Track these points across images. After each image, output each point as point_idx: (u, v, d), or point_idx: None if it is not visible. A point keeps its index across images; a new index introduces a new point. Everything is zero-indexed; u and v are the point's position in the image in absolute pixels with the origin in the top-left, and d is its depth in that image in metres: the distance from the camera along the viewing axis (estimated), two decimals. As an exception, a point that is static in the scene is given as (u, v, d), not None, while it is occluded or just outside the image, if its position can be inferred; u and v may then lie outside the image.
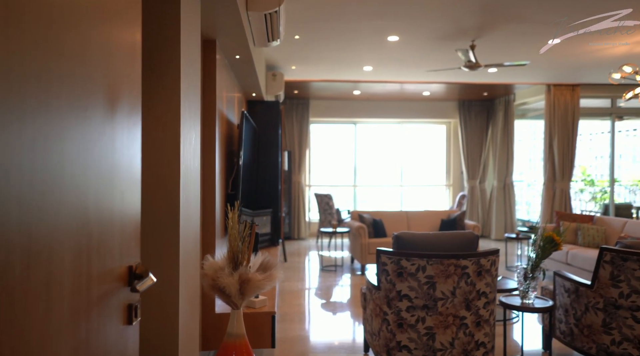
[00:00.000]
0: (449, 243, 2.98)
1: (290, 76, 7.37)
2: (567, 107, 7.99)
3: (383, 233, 6.66)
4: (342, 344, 4.01)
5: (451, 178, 10.49)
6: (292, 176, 9.58)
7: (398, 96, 9.42)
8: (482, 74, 7.13)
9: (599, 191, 11.35)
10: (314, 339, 4.14)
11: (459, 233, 3.03)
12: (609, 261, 2.98)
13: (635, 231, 5.45)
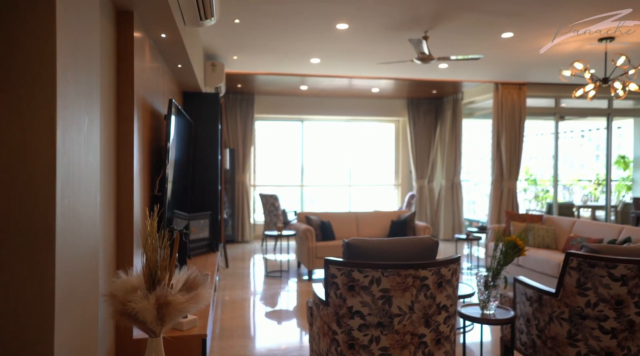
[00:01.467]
0: (405, 250, 2.63)
1: (233, 68, 6.86)
2: (515, 106, 7.97)
3: (331, 235, 6.30)
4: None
5: (400, 177, 10.33)
6: (236, 175, 9.05)
7: (346, 92, 9.11)
8: (432, 70, 6.93)
9: (541, 190, 11.60)
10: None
11: (416, 239, 2.69)
12: (576, 267, 2.74)
13: (583, 230, 5.39)
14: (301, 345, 3.94)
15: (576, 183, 11.89)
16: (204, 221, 5.27)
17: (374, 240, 2.66)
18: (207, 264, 4.75)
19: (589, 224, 5.50)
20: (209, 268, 4.53)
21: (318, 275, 6.28)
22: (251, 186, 9.53)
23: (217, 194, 5.60)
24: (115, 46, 2.56)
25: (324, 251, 5.97)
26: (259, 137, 9.95)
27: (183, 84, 5.07)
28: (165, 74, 4.07)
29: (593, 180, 11.73)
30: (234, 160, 9.01)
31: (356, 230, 6.63)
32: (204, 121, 5.54)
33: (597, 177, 11.75)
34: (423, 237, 2.73)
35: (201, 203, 5.49)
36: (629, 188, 10.31)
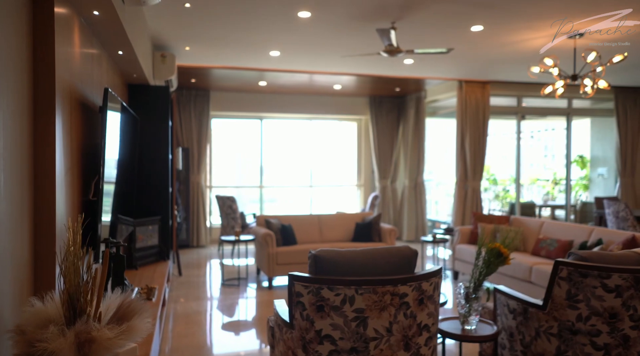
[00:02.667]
0: (381, 262, 2.29)
1: (185, 60, 6.36)
2: (478, 105, 7.85)
3: (293, 240, 5.92)
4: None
5: (362, 177, 10.07)
6: (191, 176, 8.52)
7: (307, 89, 8.75)
8: (397, 66, 6.67)
9: (502, 190, 11.64)
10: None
11: (393, 250, 2.35)
12: (566, 277, 2.48)
13: (552, 232, 5.25)
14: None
15: (534, 182, 12.02)
16: (153, 226, 4.78)
17: (346, 252, 2.31)
18: (156, 275, 4.27)
19: (558, 225, 5.37)
20: (157, 280, 4.05)
21: (279, 282, 5.89)
22: (207, 187, 9.02)
23: (168, 197, 5.11)
24: (30, 25, 2.09)
25: (285, 257, 5.59)
26: (216, 135, 9.45)
27: (127, 76, 4.57)
28: (104, 62, 3.58)
29: (550, 179, 11.88)
30: (188, 160, 8.47)
31: (319, 234, 6.28)
32: (152, 117, 5.04)
33: (554, 176, 11.91)
34: (400, 247, 2.40)
35: (150, 206, 4.98)
36: (586, 187, 10.47)
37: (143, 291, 3.45)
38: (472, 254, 5.58)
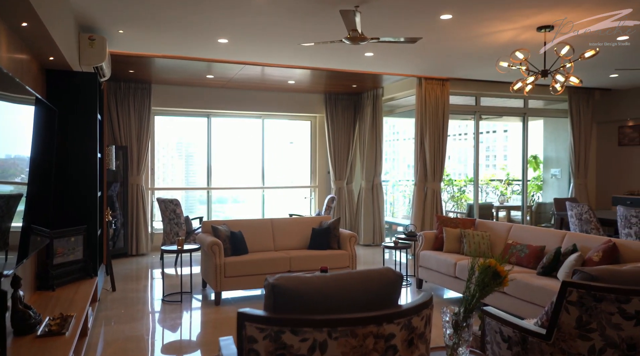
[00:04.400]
0: (359, 292, 1.78)
1: (121, 46, 5.61)
2: (438, 103, 7.54)
3: (243, 248, 5.32)
4: None
5: (317, 178, 9.57)
6: (129, 177, 7.70)
7: (259, 83, 8.15)
8: (357, 59, 6.21)
9: (458, 190, 11.50)
10: None
11: (373, 274, 1.85)
12: (576, 302, 2.07)
13: (522, 236, 4.95)
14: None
15: (488, 182, 11.97)
16: (76, 238, 4.05)
17: (313, 279, 1.78)
18: (77, 296, 3.56)
19: (527, 229, 5.09)
20: (78, 303, 3.35)
21: (229, 295, 5.27)
22: (148, 189, 8.22)
23: (97, 202, 4.38)
24: None
25: (234, 268, 4.98)
26: (158, 133, 8.66)
27: (42, 59, 3.82)
28: (2, 37, 2.86)
29: (504, 180, 11.88)
30: (126, 159, 7.66)
31: (272, 241, 5.71)
32: (77, 110, 4.30)
33: (507, 176, 11.92)
34: (381, 269, 1.90)
35: (73, 214, 4.24)
36: (540, 188, 10.48)
37: (54, 322, 2.77)
38: (438, 260, 5.20)
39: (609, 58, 6.03)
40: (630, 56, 6.02)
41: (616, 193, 8.83)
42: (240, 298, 5.26)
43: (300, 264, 5.26)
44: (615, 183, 8.98)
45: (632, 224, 5.41)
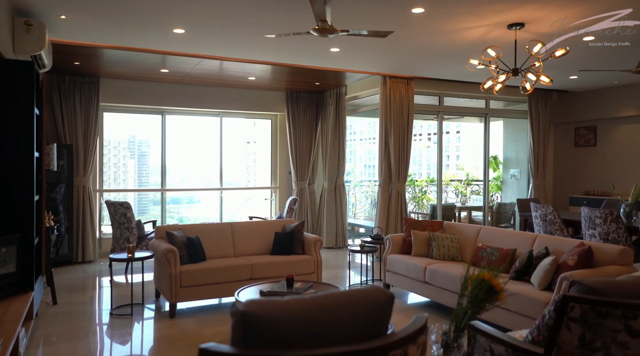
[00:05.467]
0: (346, 318, 1.50)
1: (64, 35, 5.10)
2: (403, 103, 7.39)
3: (201, 255, 4.93)
4: None
5: (278, 179, 9.24)
6: (75, 178, 7.11)
7: (217, 79, 7.73)
8: (321, 55, 5.95)
9: (419, 191, 11.46)
10: None
11: (360, 295, 1.57)
12: (579, 318, 1.87)
13: (491, 239, 4.83)
14: None
15: (448, 183, 12.01)
16: (8, 249, 3.56)
17: (291, 303, 1.47)
18: (7, 317, 3.10)
19: (496, 232, 4.97)
20: (6, 327, 2.90)
21: (185, 306, 4.88)
22: (96, 191, 7.64)
23: (32, 207, 3.89)
24: None
25: (191, 277, 4.60)
26: (108, 131, 8.08)
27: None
28: None
29: (463, 180, 11.95)
30: (71, 159, 7.06)
31: (232, 246, 5.35)
32: (8, 103, 3.80)
33: (467, 177, 12.00)
34: (368, 289, 1.62)
35: (4, 221, 3.74)
36: (499, 188, 10.58)
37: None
38: (407, 265, 5.01)
39: (573, 59, 6.04)
40: (593, 58, 6.05)
41: (573, 193, 9.00)
42: (197, 308, 4.88)
43: (263, 271, 4.93)
44: (572, 183, 9.15)
45: (597, 225, 5.42)
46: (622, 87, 8.10)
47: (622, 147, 8.36)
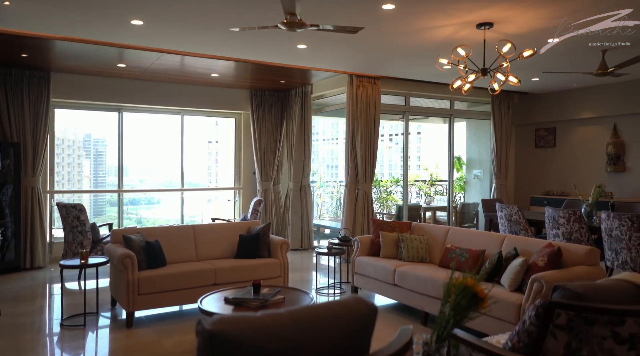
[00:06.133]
0: (326, 336, 1.35)
1: (8, 23, 4.72)
2: (370, 102, 7.31)
3: (161, 260, 4.66)
4: None
5: (242, 180, 9.00)
6: (23, 178, 6.66)
7: (178, 76, 7.43)
8: (287, 51, 5.78)
9: (384, 191, 11.46)
10: None
11: (339, 308, 1.42)
12: (565, 325, 1.79)
13: (460, 240, 4.79)
14: None
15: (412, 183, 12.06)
16: (-58, 257, 3.21)
17: (265, 321, 1.31)
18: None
19: (465, 233, 4.94)
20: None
21: (143, 314, 4.60)
22: (47, 192, 7.19)
23: (-27, 211, 3.54)
24: None
25: (150, 284, 4.33)
26: (60, 128, 7.63)
27: None
28: None
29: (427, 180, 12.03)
30: (19, 158, 6.61)
31: (194, 250, 5.10)
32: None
33: (431, 177, 12.09)
34: (349, 301, 1.48)
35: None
36: (462, 188, 10.69)
37: None
38: (376, 267, 4.91)
39: (536, 61, 6.11)
40: (555, 60, 6.14)
41: (533, 193, 9.19)
42: (157, 316, 4.61)
43: (227, 276, 4.72)
44: (533, 183, 9.34)
45: (560, 225, 5.49)
46: (581, 89, 8.31)
47: (580, 148, 8.59)
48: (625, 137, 7.94)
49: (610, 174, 8.06)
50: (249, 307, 3.39)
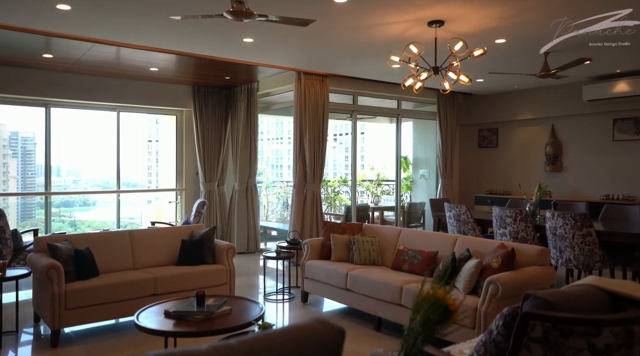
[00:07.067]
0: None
1: None
2: (318, 100, 7.13)
3: (93, 270, 4.24)
4: None
5: (184, 180, 8.55)
6: None
7: (114, 69, 6.90)
8: (233, 46, 5.48)
9: (332, 191, 11.34)
10: None
11: (304, 334, 1.20)
12: (541, 338, 1.66)
13: (412, 242, 4.70)
14: None
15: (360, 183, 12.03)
16: None
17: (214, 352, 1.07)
18: None
19: (417, 234, 4.86)
20: None
21: (72, 329, 4.15)
22: (-39, 195, 6.46)
23: None
24: None
25: (79, 297, 3.91)
26: (-24, 124, 6.90)
27: None
28: None
29: (374, 180, 12.04)
30: None
31: (131, 258, 4.69)
32: None
33: (378, 177, 12.11)
34: (312, 325, 1.26)
35: None
36: (409, 188, 10.77)
37: None
38: (327, 271, 4.73)
39: (482, 62, 6.17)
40: (499, 61, 6.23)
41: (477, 192, 9.38)
42: (88, 332, 4.18)
43: (168, 285, 4.36)
44: (477, 182, 9.53)
45: (507, 224, 5.55)
46: (521, 91, 8.56)
47: (521, 148, 8.85)
48: (562, 137, 8.25)
49: (549, 173, 8.35)
50: (192, 321, 3.09)
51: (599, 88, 7.21)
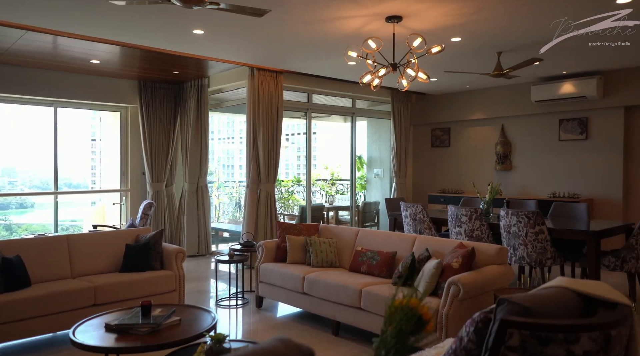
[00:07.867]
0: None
1: None
2: (272, 98, 6.91)
3: (23, 279, 3.83)
4: None
5: (129, 181, 8.08)
6: None
7: (50, 60, 6.39)
8: (182, 37, 5.17)
9: (286, 191, 11.13)
10: None
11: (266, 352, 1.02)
12: (519, 346, 1.55)
13: (370, 242, 4.59)
14: None
15: (314, 183, 11.90)
16: None
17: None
18: None
19: (375, 234, 4.75)
20: None
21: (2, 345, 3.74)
22: None
23: None
24: None
25: (6, 310, 3.51)
26: None
27: None
28: None
29: (328, 180, 11.95)
30: None
31: (69, 265, 4.31)
32: None
33: (332, 176, 12.02)
34: (276, 347, 1.07)
35: None
36: (364, 187, 10.73)
37: None
38: (282, 275, 4.53)
39: (436, 61, 6.16)
40: (452, 60, 6.25)
41: (430, 191, 9.46)
42: (18, 348, 3.78)
43: (110, 294, 4.02)
44: (430, 182, 9.61)
45: (462, 223, 5.56)
46: (473, 91, 8.69)
47: (473, 147, 8.99)
48: (512, 137, 8.44)
49: (499, 172, 8.52)
50: (137, 335, 2.82)
51: (546, 89, 7.41)
